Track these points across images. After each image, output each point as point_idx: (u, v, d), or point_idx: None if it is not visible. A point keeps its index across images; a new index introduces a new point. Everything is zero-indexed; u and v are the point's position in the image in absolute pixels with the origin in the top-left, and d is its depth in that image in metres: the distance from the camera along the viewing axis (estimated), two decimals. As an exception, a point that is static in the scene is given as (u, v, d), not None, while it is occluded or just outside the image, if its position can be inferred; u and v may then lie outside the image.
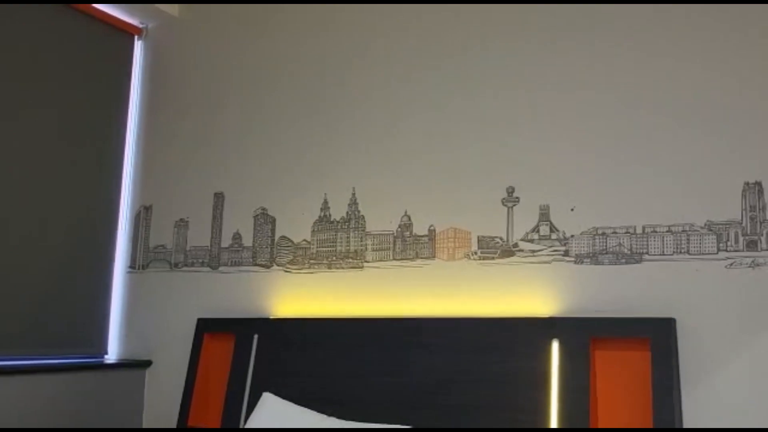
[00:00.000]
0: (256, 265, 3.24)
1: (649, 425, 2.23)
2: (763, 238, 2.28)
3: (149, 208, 3.55)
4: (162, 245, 3.49)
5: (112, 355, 3.46)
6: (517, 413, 2.44)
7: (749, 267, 2.28)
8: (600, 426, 2.37)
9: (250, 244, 3.27)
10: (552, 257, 2.62)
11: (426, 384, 2.63)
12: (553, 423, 2.37)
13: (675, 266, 2.40)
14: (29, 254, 3.13)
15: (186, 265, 3.41)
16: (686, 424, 2.28)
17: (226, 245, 3.33)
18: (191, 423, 3.05)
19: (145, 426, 3.34)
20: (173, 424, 3.09)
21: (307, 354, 2.90)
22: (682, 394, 2.31)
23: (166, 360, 3.33)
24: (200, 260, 3.37)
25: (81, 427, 3.08)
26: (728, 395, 2.25)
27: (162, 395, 3.30)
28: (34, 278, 3.15)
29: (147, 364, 3.38)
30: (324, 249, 3.10)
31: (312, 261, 3.11)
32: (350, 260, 3.03)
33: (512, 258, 2.70)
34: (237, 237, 3.31)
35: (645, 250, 2.46)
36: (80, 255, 3.36)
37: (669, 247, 2.42)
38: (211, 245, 3.37)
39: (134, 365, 3.36)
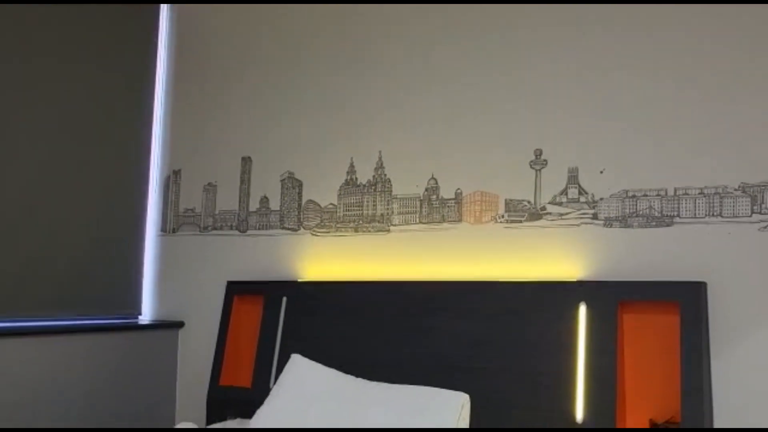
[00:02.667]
0: (283, 228, 3.26)
1: (677, 390, 2.22)
2: (799, 201, 2.22)
3: (178, 172, 3.59)
4: (191, 209, 3.53)
5: (146, 317, 3.55)
6: (543, 377, 2.45)
7: (785, 230, 2.23)
8: (627, 389, 2.37)
9: (278, 208, 3.29)
10: (580, 220, 2.59)
11: (453, 347, 2.64)
12: (579, 387, 2.37)
13: (707, 229, 2.35)
14: (65, 219, 3.20)
15: (215, 229, 3.46)
16: (715, 390, 2.27)
17: (254, 209, 3.35)
18: (223, 382, 3.12)
19: (179, 385, 3.44)
20: (206, 384, 3.17)
21: (335, 317, 2.94)
22: (711, 359, 2.28)
23: (198, 321, 3.41)
24: (229, 224, 3.41)
25: (119, 385, 3.18)
26: (759, 360, 2.22)
27: (194, 355, 3.39)
28: (70, 243, 3.22)
29: (180, 325, 3.46)
30: (350, 213, 3.10)
31: (339, 224, 3.12)
32: (377, 224, 3.03)
33: (540, 221, 2.67)
34: (264, 201, 3.33)
35: (676, 213, 2.41)
36: (113, 219, 3.42)
37: (701, 209, 2.37)
38: (239, 209, 3.40)
39: (167, 326, 3.45)
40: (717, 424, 2.25)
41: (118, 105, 3.47)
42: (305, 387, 2.47)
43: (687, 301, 2.28)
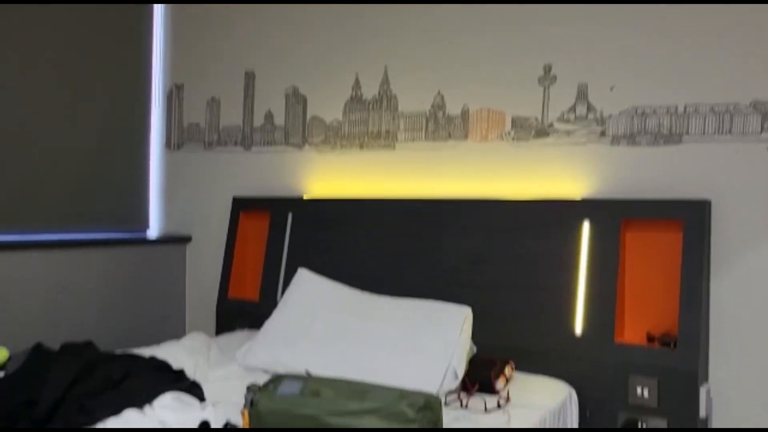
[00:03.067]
0: (288, 145, 3.25)
1: (676, 308, 2.26)
2: (811, 119, 2.19)
3: (181, 86, 3.54)
4: (195, 124, 3.51)
5: (154, 232, 3.59)
6: (546, 292, 2.50)
7: (793, 149, 2.21)
8: (626, 305, 2.42)
9: (282, 124, 3.26)
10: (587, 138, 2.57)
11: (457, 263, 2.69)
12: (580, 303, 2.43)
13: (715, 147, 2.33)
14: (69, 133, 3.19)
15: (219, 145, 3.44)
16: (713, 307, 2.31)
17: (258, 125, 3.33)
18: (231, 295, 3.20)
19: (189, 298, 3.52)
20: (214, 297, 3.25)
21: (340, 233, 2.97)
22: (711, 278, 2.32)
23: (205, 236, 3.45)
24: (233, 140, 3.40)
25: (131, 298, 3.26)
26: (759, 278, 2.25)
27: (202, 269, 3.45)
28: (76, 158, 3.22)
29: (187, 239, 3.51)
30: (356, 129, 3.08)
31: (344, 141, 3.10)
32: (382, 141, 3.01)
33: (547, 139, 2.65)
34: (269, 116, 3.30)
35: (685, 131, 2.39)
36: (118, 134, 3.40)
37: (710, 127, 2.35)
38: (243, 124, 3.37)
39: (175, 241, 3.50)
40: (712, 340, 2.31)
41: (119, 18, 3.39)
42: (311, 300, 2.54)
43: (690, 220, 2.30)
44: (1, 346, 1.84)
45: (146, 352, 2.21)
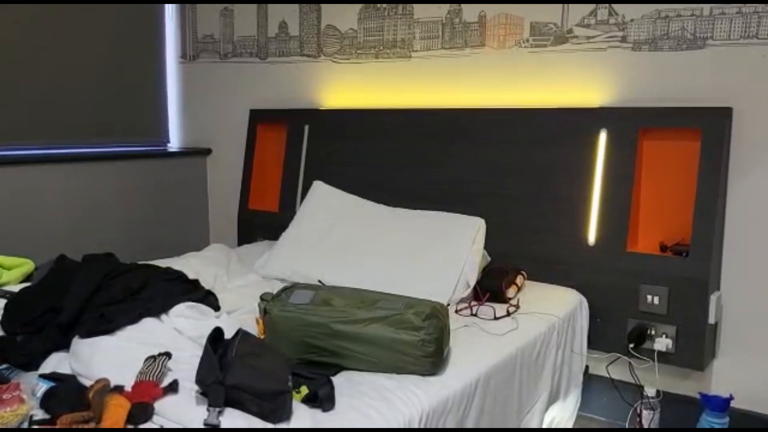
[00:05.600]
0: (303, 55, 3.20)
1: (689, 216, 2.25)
2: (844, 20, 2.07)
3: (194, -4, 3.48)
4: (210, 35, 3.47)
5: (174, 144, 3.63)
6: (561, 202, 2.50)
7: (823, 52, 2.11)
8: (641, 215, 2.42)
9: (297, 34, 3.21)
10: (608, 44, 2.48)
11: (473, 174, 2.68)
12: (594, 212, 2.43)
13: (740, 51, 2.24)
14: (85, 47, 3.18)
15: (235, 56, 3.41)
16: (728, 217, 2.29)
17: (273, 35, 3.27)
18: (251, 206, 3.27)
19: (211, 209, 3.60)
20: (236, 208, 3.32)
21: (357, 145, 2.97)
22: (728, 187, 2.29)
23: (225, 149, 3.48)
24: (248, 51, 3.36)
25: (155, 209, 3.35)
26: (777, 186, 2.22)
27: (223, 181, 3.51)
28: (92, 71, 3.22)
29: (207, 152, 3.55)
30: (371, 38, 3.01)
31: (359, 51, 3.05)
32: (397, 50, 2.95)
33: (566, 45, 2.57)
34: (283, 26, 3.24)
35: (710, 35, 2.29)
36: (133, 47, 3.38)
37: (736, 30, 2.25)
38: (257, 35, 3.32)
39: (195, 153, 3.54)
40: (726, 249, 2.31)
41: None
42: (327, 211, 2.58)
43: (709, 128, 2.24)
44: (27, 259, 1.92)
45: (167, 263, 2.29)
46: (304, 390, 1.42)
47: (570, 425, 2.33)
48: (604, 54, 2.49)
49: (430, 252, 2.32)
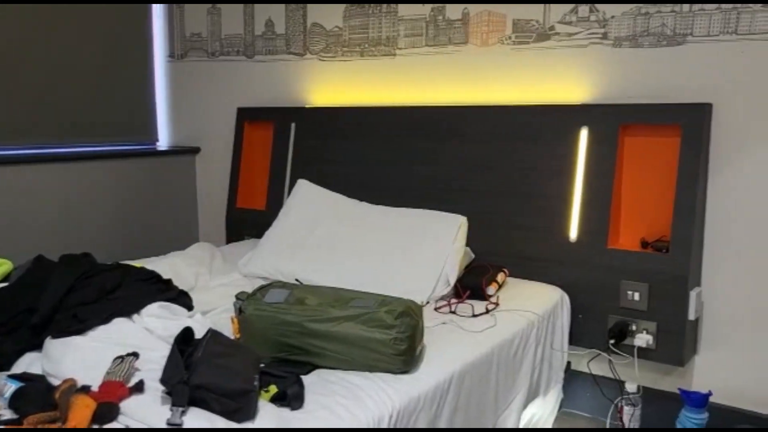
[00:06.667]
0: (290, 53, 3.21)
1: (670, 211, 2.26)
2: (821, 16, 2.07)
3: (181, -5, 3.49)
4: (197, 34, 3.47)
5: (163, 143, 3.65)
6: (543, 199, 2.51)
7: (801, 48, 2.11)
8: (622, 211, 2.42)
9: (283, 32, 3.21)
10: (589, 40, 2.49)
11: (458, 170, 2.69)
12: (576, 208, 2.43)
13: (720, 47, 2.24)
14: (73, 47, 3.19)
15: (222, 54, 3.42)
16: (709, 213, 2.30)
17: (260, 33, 3.28)
18: (240, 205, 3.28)
19: (200, 208, 3.61)
20: (224, 206, 3.33)
21: (343, 142, 2.98)
22: (708, 183, 2.29)
23: (213, 147, 3.50)
24: (236, 49, 3.36)
25: (145, 208, 3.36)
26: (758, 184, 2.21)
27: (212, 180, 3.52)
28: (81, 71, 3.24)
29: (196, 150, 3.56)
30: (356, 36, 3.02)
31: (345, 49, 3.05)
32: (382, 47, 2.96)
33: (548, 42, 2.57)
34: (269, 24, 3.25)
35: (689, 31, 2.29)
36: (120, 46, 3.39)
37: (716, 26, 2.25)
38: (244, 33, 3.33)
39: (184, 152, 3.55)
40: (707, 244, 2.31)
41: None
42: (310, 210, 2.59)
43: (689, 124, 2.25)
44: (5, 259, 1.94)
45: (151, 262, 2.31)
46: (273, 389, 1.43)
47: (551, 421, 2.34)
48: (586, 51, 2.49)
49: (412, 250, 2.33)
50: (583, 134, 2.43)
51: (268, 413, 1.34)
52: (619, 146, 2.38)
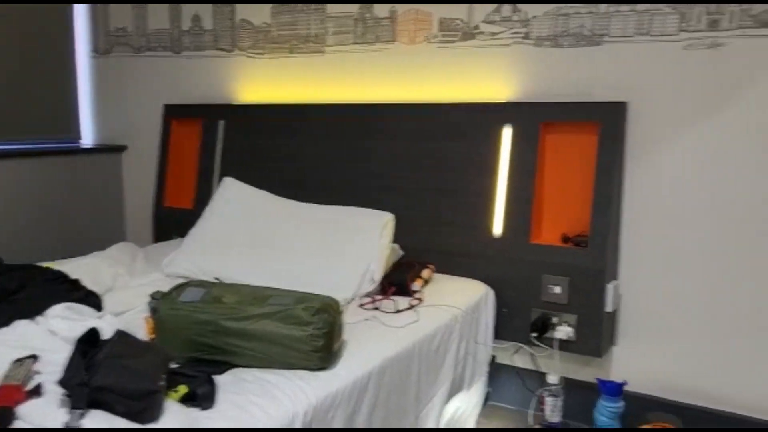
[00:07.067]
0: (218, 49, 3.16)
1: (588, 205, 2.32)
2: (725, 17, 2.16)
3: (105, -12, 3.39)
4: (122, 28, 3.38)
5: (87, 141, 3.54)
6: (468, 195, 2.54)
7: (708, 48, 2.20)
8: (544, 207, 2.47)
9: (211, 28, 3.16)
10: (512, 39, 2.53)
11: (387, 168, 2.70)
12: (500, 204, 2.47)
13: (635, 48, 2.31)
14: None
15: (149, 50, 3.34)
16: (625, 207, 2.37)
17: (186, 28, 3.22)
18: (167, 204, 3.21)
19: (127, 207, 3.52)
20: (151, 206, 3.25)
21: (272, 140, 2.95)
22: (625, 179, 2.36)
23: (140, 145, 3.41)
24: (162, 44, 3.29)
25: (70, 206, 3.25)
26: (671, 180, 2.29)
27: (139, 178, 3.44)
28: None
29: (122, 148, 3.47)
30: (285, 33, 2.99)
31: (273, 45, 3.02)
32: (311, 44, 2.94)
33: (473, 41, 2.60)
34: (197, 20, 3.19)
35: (606, 32, 2.36)
36: (41, 41, 3.28)
37: (630, 27, 2.32)
38: (171, 28, 3.26)
39: (109, 150, 3.45)
40: (624, 239, 2.38)
41: None
42: (237, 208, 2.55)
43: (606, 122, 2.31)
44: None
45: (70, 263, 2.24)
46: (183, 389, 1.40)
47: (475, 414, 2.37)
48: (509, 50, 2.54)
49: (338, 247, 2.32)
50: (507, 132, 2.48)
51: (175, 414, 1.31)
52: (540, 143, 2.43)
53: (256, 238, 2.40)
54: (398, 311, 2.10)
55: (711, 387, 2.26)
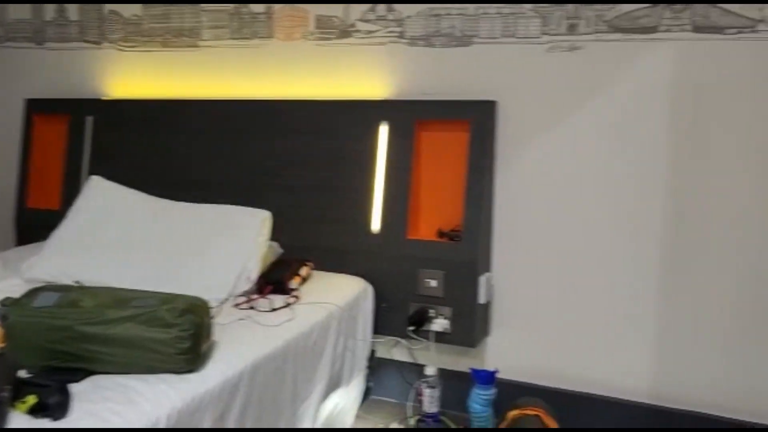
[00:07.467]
0: (85, 41, 3.00)
1: (461, 201, 2.39)
2: (582, 22, 2.30)
3: (-44, -27, 3.13)
4: (-23, 17, 3.14)
5: (-61, 138, 3.25)
6: (347, 192, 2.55)
7: (568, 51, 2.33)
8: (421, 203, 2.53)
9: (77, 19, 2.99)
10: (388, 38, 2.57)
11: (266, 165, 2.67)
12: (378, 200, 2.50)
13: (502, 49, 2.41)
14: None
15: (9, 41, 3.12)
16: (496, 202, 2.46)
17: (50, 19, 3.03)
18: (30, 204, 3.01)
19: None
20: (13, 204, 3.04)
21: (146, 136, 2.84)
22: (495, 175, 2.46)
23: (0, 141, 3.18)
24: (23, 35, 3.08)
25: None
26: (538, 175, 2.41)
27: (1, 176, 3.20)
28: None
29: (-21, 146, 3.22)
30: (157, 25, 2.88)
31: (145, 39, 2.91)
32: (185, 38, 2.85)
33: (349, 39, 2.62)
34: (61, 9, 3.01)
35: (475, 33, 2.44)
36: None
37: (497, 29, 2.41)
38: (33, 18, 3.06)
39: (-35, 148, 3.19)
40: (497, 232, 2.47)
41: None
42: (104, 208, 2.43)
43: (477, 120, 2.40)
44: None
45: None
46: (31, 399, 1.32)
47: (355, 409, 2.39)
48: (385, 48, 2.57)
49: (212, 246, 2.27)
50: (383, 129, 2.51)
51: (22, 426, 1.23)
52: (416, 141, 2.48)
53: (125, 239, 2.30)
54: (274, 310, 2.07)
55: (573, 371, 2.39)
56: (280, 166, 2.64)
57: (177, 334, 1.56)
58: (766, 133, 2.11)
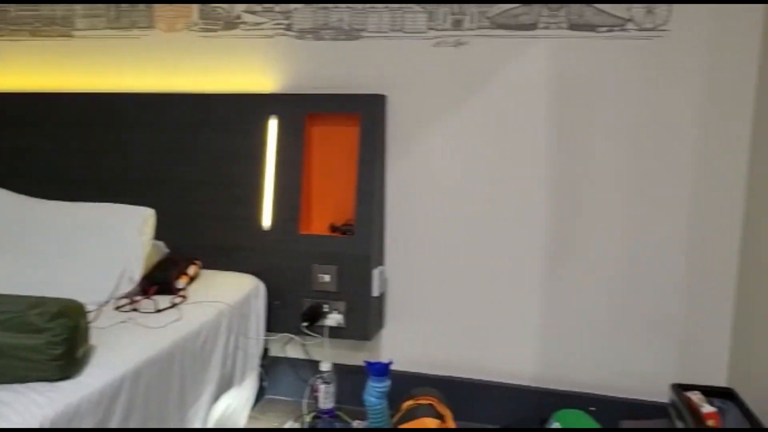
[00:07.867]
0: (-59, 29, 2.75)
1: (353, 195, 2.39)
2: (467, 18, 2.35)
3: None
4: None
5: None
6: (235, 188, 2.49)
7: (453, 46, 2.38)
8: (312, 197, 2.50)
9: (-68, 3, 2.74)
10: (275, 31, 2.52)
11: (149, 161, 2.55)
12: (268, 195, 2.45)
13: (390, 44, 2.43)
14: None
15: None
16: (388, 196, 2.48)
17: None
18: None
19: None
20: None
21: (16, 132, 2.64)
22: (387, 167, 2.47)
23: None
24: None
25: None
26: (427, 168, 2.44)
27: None
28: None
29: None
30: (24, 13, 2.69)
31: (12, 27, 2.70)
32: (57, 27, 2.68)
33: (235, 31, 2.55)
34: None
35: (364, 27, 2.45)
36: None
37: (385, 24, 2.43)
38: None
39: None
40: (389, 226, 2.49)
41: None
42: (-33, 209, 2.24)
43: (367, 113, 2.40)
44: None
45: None
46: None
47: (248, 409, 2.33)
48: (272, 41, 2.53)
49: (90, 247, 2.14)
50: (273, 123, 2.46)
51: None
52: (306, 135, 2.45)
53: (-7, 242, 2.13)
54: (159, 311, 1.98)
55: (465, 360, 2.45)
56: (165, 162, 2.54)
57: (49, 340, 1.45)
58: (639, 126, 2.24)
